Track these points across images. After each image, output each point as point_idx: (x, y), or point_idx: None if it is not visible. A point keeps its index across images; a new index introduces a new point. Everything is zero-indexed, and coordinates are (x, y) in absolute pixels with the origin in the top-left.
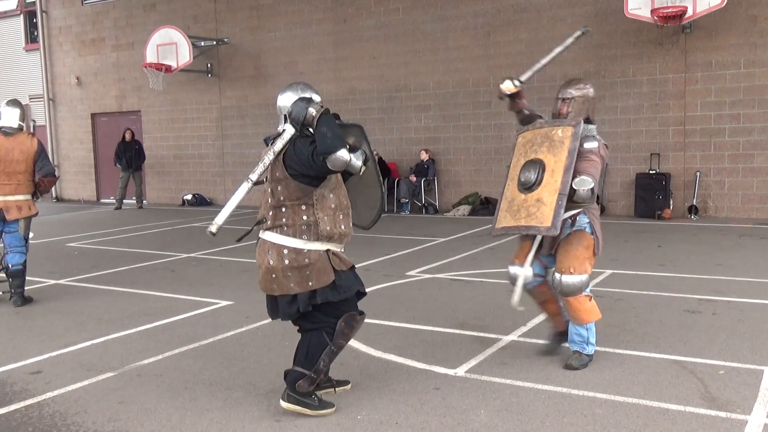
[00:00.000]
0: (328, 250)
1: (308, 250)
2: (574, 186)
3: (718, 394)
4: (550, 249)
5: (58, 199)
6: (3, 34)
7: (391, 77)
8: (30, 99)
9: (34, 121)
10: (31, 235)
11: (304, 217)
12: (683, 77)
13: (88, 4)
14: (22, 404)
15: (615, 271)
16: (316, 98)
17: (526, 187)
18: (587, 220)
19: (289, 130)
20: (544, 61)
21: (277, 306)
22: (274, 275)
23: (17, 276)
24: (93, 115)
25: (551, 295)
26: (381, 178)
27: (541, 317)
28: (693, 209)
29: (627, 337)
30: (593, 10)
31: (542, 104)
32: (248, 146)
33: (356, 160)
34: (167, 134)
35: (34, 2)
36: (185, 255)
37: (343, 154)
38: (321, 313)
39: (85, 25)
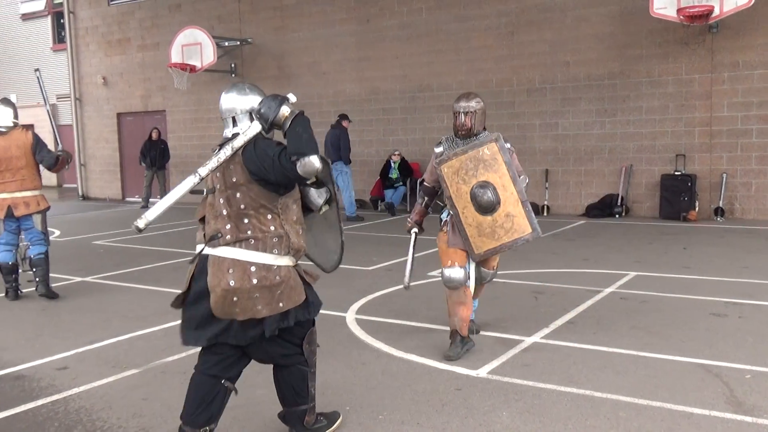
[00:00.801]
0: (296, 265)
1: (278, 267)
2: None
3: (744, 399)
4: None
5: (84, 198)
6: (31, 35)
7: (414, 77)
8: (57, 99)
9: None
10: (56, 232)
11: (272, 228)
12: (710, 77)
13: (114, 4)
14: (48, 399)
15: (639, 273)
16: (292, 98)
17: (489, 210)
18: None
19: (254, 128)
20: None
21: (231, 327)
22: (235, 298)
23: (40, 265)
24: (119, 115)
25: (469, 299)
26: (341, 225)
27: (564, 319)
28: (719, 211)
29: (651, 339)
30: (618, 10)
31: (565, 104)
32: None
33: (318, 198)
34: (191, 134)
35: (62, 3)
36: None
37: (315, 160)
38: (281, 339)
39: (111, 25)
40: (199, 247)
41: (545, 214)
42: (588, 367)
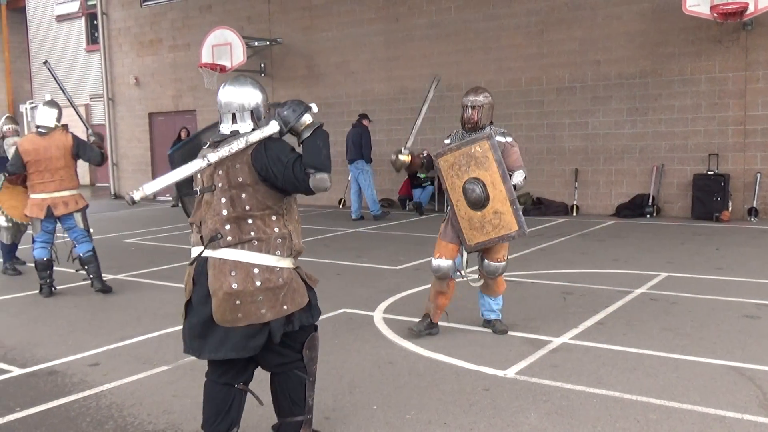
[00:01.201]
0: (297, 267)
1: (281, 268)
2: (513, 183)
3: None
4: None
5: (116, 196)
6: (65, 36)
7: (443, 76)
8: (90, 99)
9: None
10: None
11: (276, 229)
12: (743, 75)
13: (146, 5)
14: (80, 395)
15: (670, 274)
16: (315, 109)
17: (478, 206)
18: None
19: (272, 127)
20: (418, 121)
21: (228, 338)
22: (238, 301)
23: (91, 262)
24: (150, 115)
25: (451, 292)
26: None
27: (594, 320)
28: (753, 211)
29: (682, 341)
30: (650, 7)
31: (596, 103)
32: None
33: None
34: None
35: (95, 5)
36: None
37: (328, 178)
38: (282, 345)
39: (143, 26)
40: (195, 250)
41: (574, 214)
42: (617, 369)
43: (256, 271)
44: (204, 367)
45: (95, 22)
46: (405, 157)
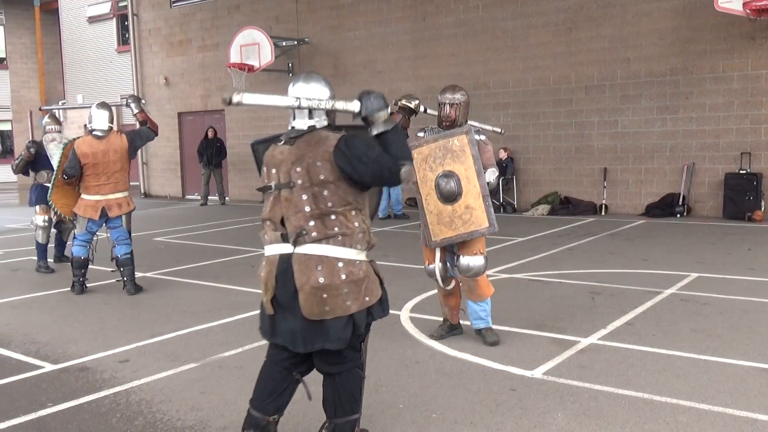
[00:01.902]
0: (372, 261)
1: (360, 261)
2: (486, 180)
3: None
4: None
5: (146, 195)
6: (97, 37)
7: (470, 75)
8: (121, 99)
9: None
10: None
11: (356, 224)
12: None
13: (176, 6)
14: (110, 391)
15: (701, 275)
16: (388, 110)
17: (450, 200)
18: None
19: (354, 105)
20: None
21: (316, 333)
22: (325, 295)
23: (127, 264)
24: (179, 114)
25: (458, 290)
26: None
27: (622, 320)
28: None
29: (713, 343)
30: (681, 4)
31: (625, 102)
32: None
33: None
34: (249, 132)
35: (126, 6)
36: None
37: (413, 170)
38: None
39: (173, 27)
40: (274, 247)
41: (603, 213)
42: (647, 370)
43: (340, 264)
44: (231, 365)
45: (126, 23)
46: (409, 103)
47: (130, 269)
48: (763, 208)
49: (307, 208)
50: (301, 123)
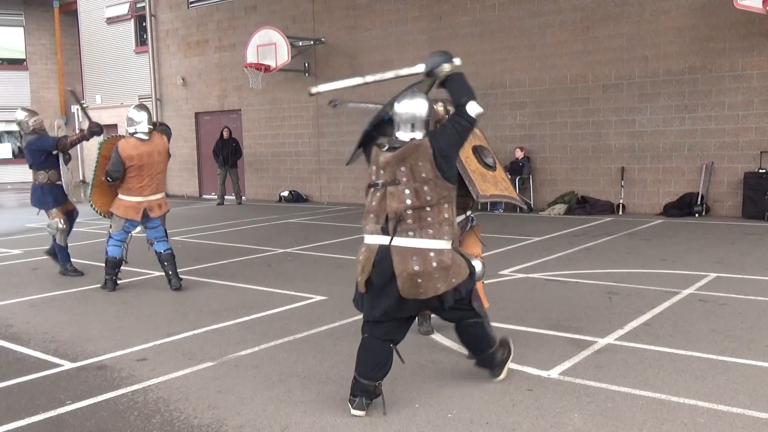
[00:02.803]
0: (455, 247)
1: (448, 250)
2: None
3: None
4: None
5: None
6: (115, 38)
7: (487, 74)
8: (139, 99)
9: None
10: (137, 228)
11: (446, 215)
12: None
13: (193, 7)
14: (128, 389)
15: (720, 275)
16: (457, 62)
17: (489, 166)
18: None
19: (419, 67)
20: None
21: (410, 305)
22: (420, 279)
23: (170, 260)
24: (197, 114)
25: None
26: None
27: (640, 321)
28: None
29: (732, 343)
30: (700, 2)
31: (643, 100)
32: (344, 144)
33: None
34: (266, 132)
35: (144, 7)
36: (281, 250)
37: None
38: (455, 307)
39: (190, 27)
40: (374, 238)
41: (620, 212)
42: (664, 371)
43: (432, 254)
44: (247, 363)
45: (144, 24)
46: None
47: (174, 265)
48: None
49: (409, 202)
50: (404, 135)
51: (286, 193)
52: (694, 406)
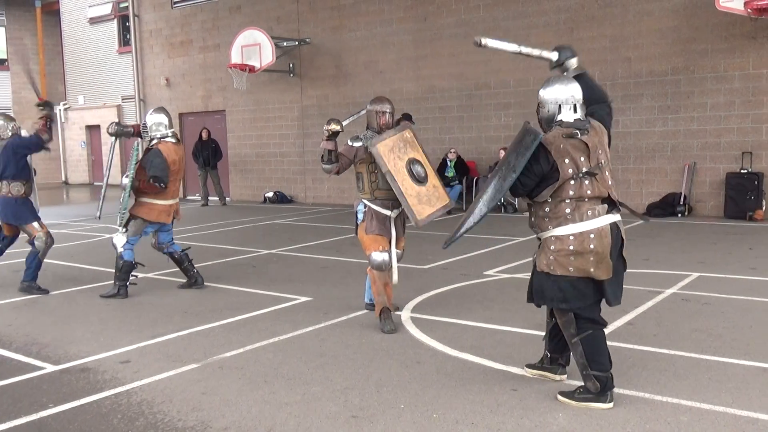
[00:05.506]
0: None
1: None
2: None
3: None
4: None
5: None
6: (98, 38)
7: (471, 75)
8: (122, 100)
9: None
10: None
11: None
12: None
13: (177, 7)
14: (112, 392)
15: (702, 274)
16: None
17: (420, 181)
18: None
19: (554, 54)
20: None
21: (607, 287)
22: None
23: (188, 259)
24: (181, 115)
25: (392, 279)
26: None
27: (623, 320)
28: None
29: (714, 342)
30: (682, 4)
31: (626, 101)
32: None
33: None
34: (250, 133)
35: (127, 7)
36: (266, 251)
37: None
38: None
39: (174, 28)
40: (604, 219)
41: None
42: (647, 370)
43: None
44: (232, 365)
45: (127, 24)
46: (338, 127)
47: (191, 263)
48: (764, 208)
49: (610, 182)
50: (569, 116)
51: (270, 194)
52: (677, 405)
